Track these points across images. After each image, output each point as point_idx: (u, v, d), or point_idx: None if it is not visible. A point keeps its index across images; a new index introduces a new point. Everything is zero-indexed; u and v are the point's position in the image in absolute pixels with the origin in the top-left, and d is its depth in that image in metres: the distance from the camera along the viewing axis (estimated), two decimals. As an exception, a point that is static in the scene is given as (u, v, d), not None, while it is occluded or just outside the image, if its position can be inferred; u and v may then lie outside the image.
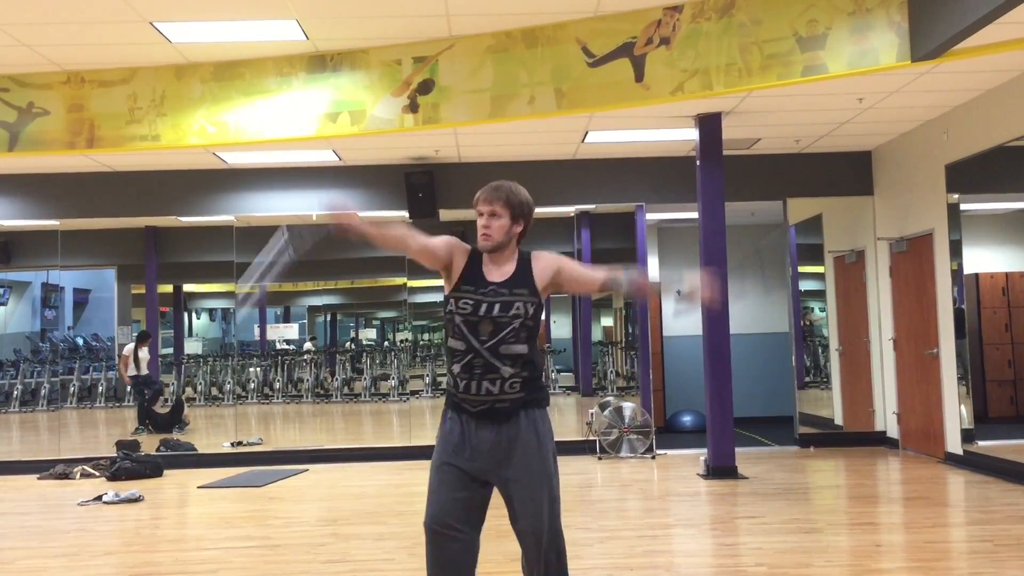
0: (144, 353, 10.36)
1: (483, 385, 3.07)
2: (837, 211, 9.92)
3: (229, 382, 11.12)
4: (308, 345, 11.86)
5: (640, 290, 3.31)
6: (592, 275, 3.22)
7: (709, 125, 7.97)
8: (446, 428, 3.18)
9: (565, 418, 11.28)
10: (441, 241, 3.19)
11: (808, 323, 10.53)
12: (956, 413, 8.02)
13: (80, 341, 11.80)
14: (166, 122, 6.77)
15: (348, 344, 12.16)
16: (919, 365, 8.71)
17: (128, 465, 8.46)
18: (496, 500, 3.21)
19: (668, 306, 11.97)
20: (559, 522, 3.18)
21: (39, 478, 8.66)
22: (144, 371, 10.37)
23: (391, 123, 6.59)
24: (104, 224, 10.10)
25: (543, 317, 3.23)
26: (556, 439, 3.31)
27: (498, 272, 3.15)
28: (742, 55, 5.88)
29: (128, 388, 10.59)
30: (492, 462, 3.11)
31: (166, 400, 10.80)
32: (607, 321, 11.68)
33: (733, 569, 4.90)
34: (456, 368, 3.11)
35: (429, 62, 6.47)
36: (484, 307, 3.08)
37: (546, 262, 3.19)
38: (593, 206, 10.18)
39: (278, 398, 11.33)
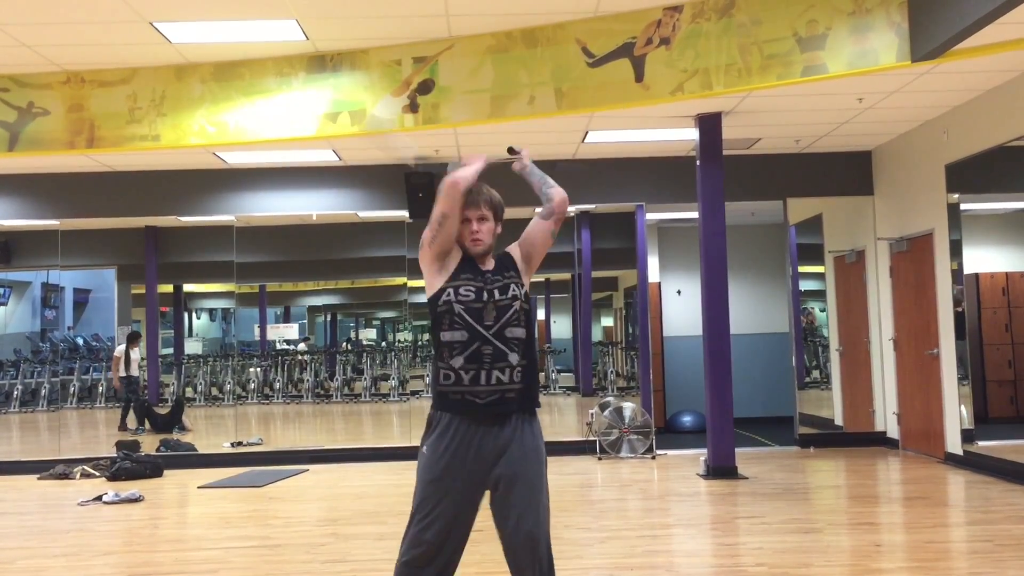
0: (135, 354, 10.35)
1: (493, 374, 2.99)
2: (837, 211, 9.92)
3: (229, 382, 11.12)
4: (302, 346, 11.86)
5: (555, 203, 3.24)
6: (533, 221, 3.25)
7: (709, 125, 7.97)
8: (445, 434, 3.02)
9: (565, 418, 11.28)
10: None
11: (809, 322, 10.52)
12: (956, 413, 8.02)
13: (80, 341, 11.79)
14: (166, 122, 6.77)
15: (345, 344, 12.16)
16: (919, 365, 8.70)
17: (128, 465, 8.47)
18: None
19: (668, 305, 11.98)
20: (549, 530, 3.06)
21: (39, 478, 8.66)
22: (135, 372, 10.36)
23: (391, 123, 6.58)
24: (104, 224, 10.11)
25: (542, 317, 3.25)
26: (556, 439, 3.30)
27: (486, 265, 3.19)
28: (742, 55, 5.88)
29: (116, 388, 10.58)
30: (492, 460, 2.99)
31: (165, 400, 10.80)
32: (607, 321, 11.68)
33: (733, 569, 4.90)
34: (458, 361, 3.00)
35: (429, 62, 6.46)
36: (486, 293, 3.07)
37: (513, 246, 3.27)
38: (593, 206, 10.18)
39: (278, 398, 11.33)
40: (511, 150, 3.32)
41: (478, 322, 3.03)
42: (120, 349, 10.38)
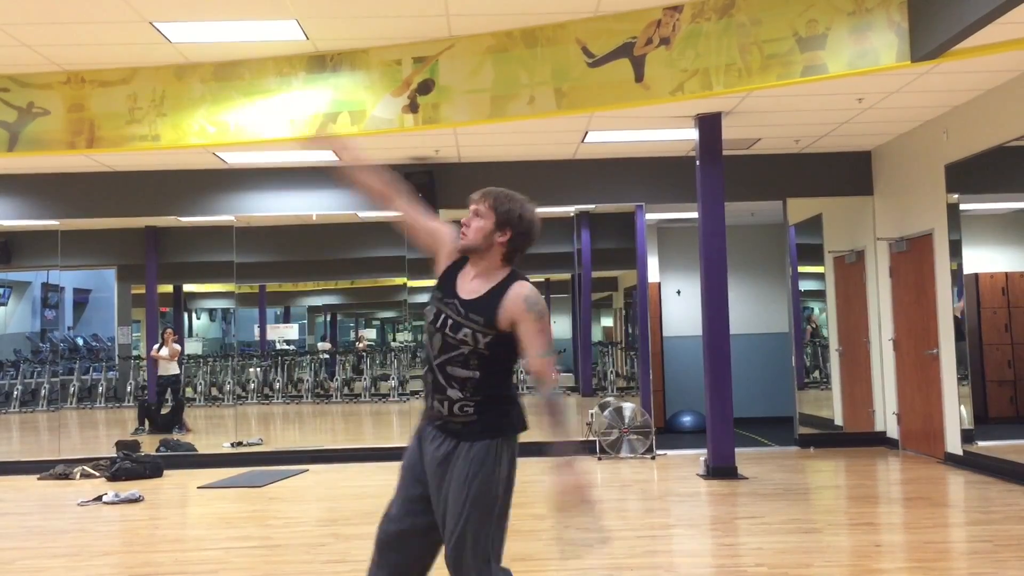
0: (165, 351, 10.35)
1: (434, 400, 2.91)
2: (837, 211, 9.91)
3: (229, 382, 11.11)
4: (324, 345, 11.84)
5: (550, 414, 2.85)
6: (531, 356, 2.85)
7: (709, 125, 7.97)
8: (418, 427, 3.04)
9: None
10: (447, 230, 3.09)
11: (815, 326, 10.52)
12: (956, 413, 8.02)
13: (80, 341, 11.79)
14: (166, 122, 6.77)
15: (360, 345, 12.14)
16: (919, 365, 8.70)
17: (128, 465, 8.46)
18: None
19: (668, 305, 11.98)
20: (484, 565, 2.83)
21: (39, 478, 8.66)
22: (167, 371, 10.37)
23: (391, 123, 6.59)
24: (104, 224, 10.10)
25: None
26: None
27: (470, 287, 2.92)
28: (742, 55, 5.88)
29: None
30: (430, 465, 2.93)
31: (165, 400, 10.80)
32: (607, 321, 11.67)
33: (733, 569, 4.90)
34: (422, 370, 3.02)
35: (429, 62, 6.46)
36: (441, 319, 2.90)
37: (516, 305, 2.84)
38: (593, 206, 10.18)
39: (278, 398, 11.32)
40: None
41: (429, 345, 2.94)
42: (154, 349, 10.42)
